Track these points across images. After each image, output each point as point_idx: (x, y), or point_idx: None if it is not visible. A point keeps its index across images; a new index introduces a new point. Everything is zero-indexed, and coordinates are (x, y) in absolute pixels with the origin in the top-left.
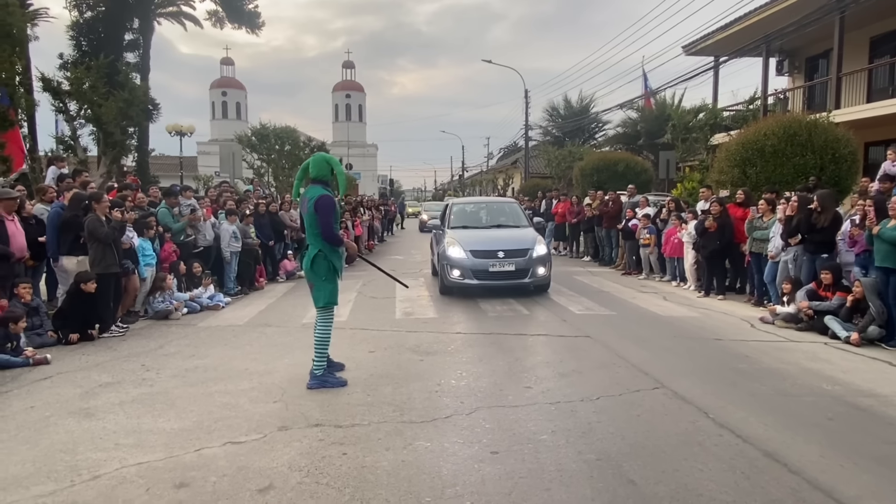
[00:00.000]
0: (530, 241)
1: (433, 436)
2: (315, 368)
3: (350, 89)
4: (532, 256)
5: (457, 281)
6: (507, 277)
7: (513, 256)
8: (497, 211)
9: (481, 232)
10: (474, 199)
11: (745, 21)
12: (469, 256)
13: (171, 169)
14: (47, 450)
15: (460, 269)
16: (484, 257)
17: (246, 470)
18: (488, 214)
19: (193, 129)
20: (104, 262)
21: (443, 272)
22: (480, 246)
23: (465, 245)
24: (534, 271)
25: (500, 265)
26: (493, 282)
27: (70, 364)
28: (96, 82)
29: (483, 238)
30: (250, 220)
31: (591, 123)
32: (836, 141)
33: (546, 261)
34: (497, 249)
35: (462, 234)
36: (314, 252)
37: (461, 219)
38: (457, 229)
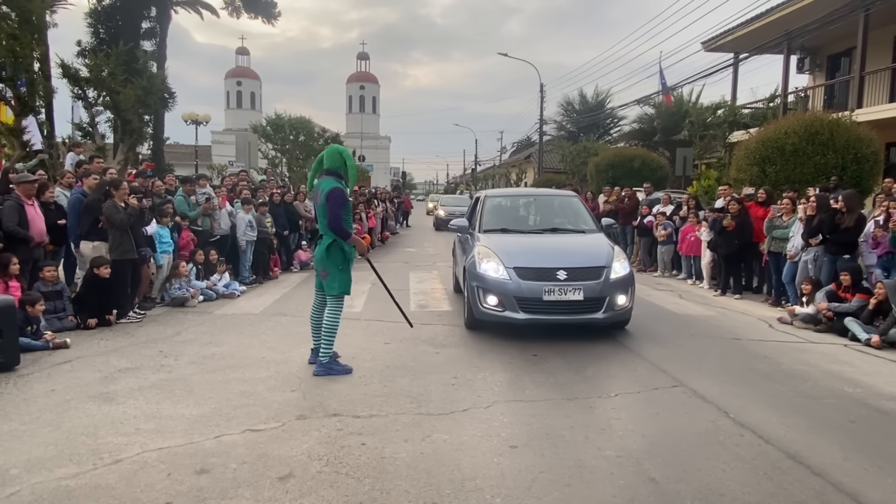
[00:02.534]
0: (604, 256)
1: (451, 428)
2: (322, 356)
3: (364, 81)
4: (608, 279)
5: (493, 312)
6: (571, 311)
7: (580, 279)
8: (551, 208)
9: (529, 239)
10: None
11: (766, 17)
12: (512, 277)
13: (185, 157)
14: (69, 433)
15: (499, 296)
16: (536, 278)
17: (266, 458)
18: (538, 213)
19: (209, 117)
20: (121, 248)
21: (472, 297)
22: (530, 261)
23: (507, 259)
24: (611, 301)
25: (561, 292)
26: (548, 316)
27: (89, 349)
28: (115, 70)
29: (533, 249)
30: (265, 210)
31: (607, 119)
32: (859, 140)
33: (628, 285)
34: (556, 267)
35: (501, 241)
36: (329, 241)
37: (499, 218)
38: (492, 234)
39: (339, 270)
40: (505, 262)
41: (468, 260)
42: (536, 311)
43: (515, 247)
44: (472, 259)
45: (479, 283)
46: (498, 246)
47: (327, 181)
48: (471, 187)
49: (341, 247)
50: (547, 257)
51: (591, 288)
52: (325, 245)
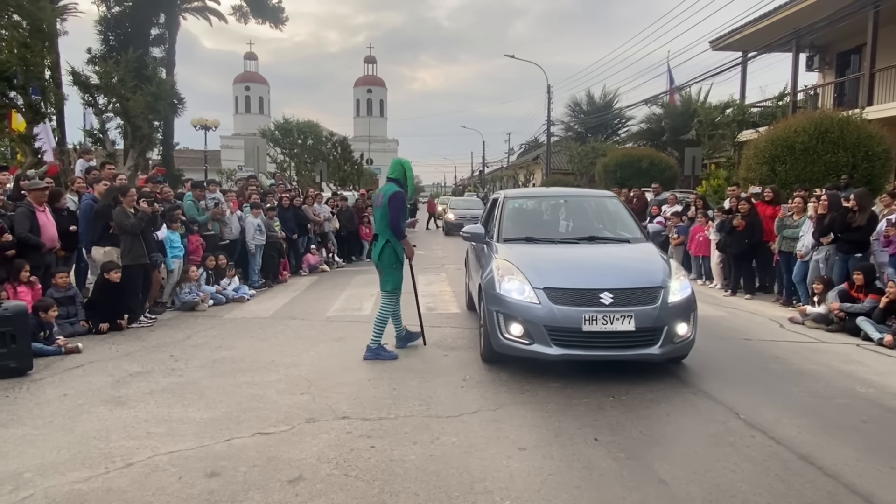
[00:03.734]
0: (659, 273)
1: (460, 431)
2: (371, 342)
3: (371, 84)
4: (666, 302)
5: (517, 345)
6: (619, 344)
7: (630, 303)
8: (586, 211)
9: (561, 251)
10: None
11: (774, 16)
12: (542, 300)
13: (193, 162)
14: (81, 437)
15: (525, 325)
16: (573, 303)
17: (276, 461)
18: (570, 218)
19: (218, 123)
20: (132, 254)
21: (490, 324)
22: (565, 279)
23: (535, 277)
24: (670, 332)
25: (606, 320)
26: (589, 352)
27: (101, 353)
28: (125, 76)
29: (568, 264)
30: (273, 214)
31: (614, 119)
32: (869, 138)
33: (691, 309)
34: (599, 289)
35: (526, 254)
36: (383, 242)
37: (522, 224)
38: (515, 244)
39: (392, 269)
40: (533, 282)
41: (485, 277)
42: (574, 345)
43: (545, 261)
44: (489, 276)
45: (498, 307)
46: (523, 260)
47: (389, 186)
48: (478, 189)
49: (394, 247)
50: (586, 275)
51: (644, 315)
52: (380, 245)
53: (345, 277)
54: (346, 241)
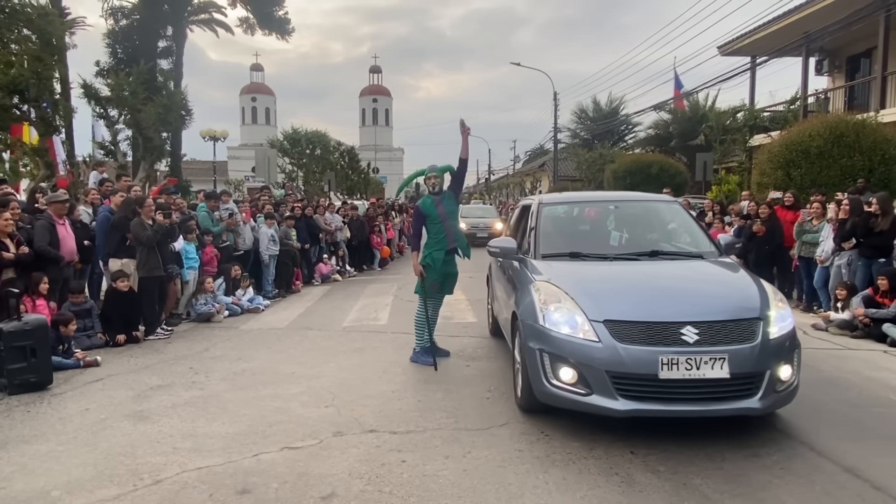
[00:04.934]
0: (754, 298)
1: (491, 444)
2: (415, 345)
3: (377, 94)
4: (767, 338)
5: (569, 394)
6: (708, 396)
7: (721, 340)
8: (642, 219)
9: (620, 270)
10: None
11: (783, 20)
12: (604, 337)
13: (201, 174)
14: (107, 453)
15: (580, 368)
16: (645, 340)
17: (307, 476)
18: (623, 227)
19: (227, 133)
20: (148, 265)
21: (532, 365)
22: (633, 309)
23: (592, 305)
24: (772, 377)
25: (692, 363)
26: (669, 406)
27: (119, 366)
28: (136, 88)
29: (633, 288)
30: (291, 223)
31: (621, 125)
32: (886, 141)
33: (794, 346)
34: (679, 321)
35: (576, 274)
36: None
37: (565, 237)
38: (557, 261)
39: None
40: (589, 312)
41: (522, 304)
42: (648, 397)
43: (602, 285)
44: (529, 304)
45: (543, 344)
46: (573, 283)
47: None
48: (484, 196)
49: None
50: (661, 303)
51: (741, 356)
52: None
53: (357, 287)
54: (357, 250)
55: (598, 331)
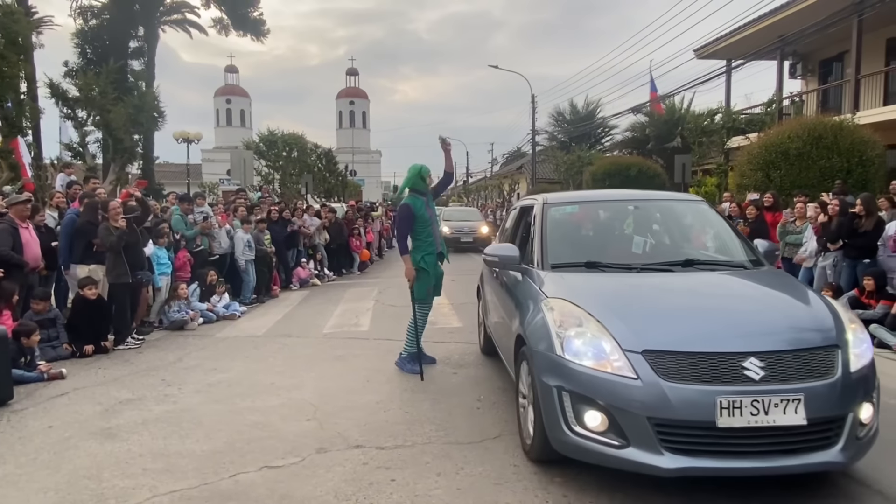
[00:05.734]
0: (826, 319)
1: (485, 458)
2: (403, 351)
3: (354, 96)
4: (848, 370)
5: (599, 444)
6: (780, 448)
7: (792, 376)
8: (666, 222)
9: (652, 284)
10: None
11: (759, 24)
12: (644, 371)
13: (174, 176)
14: (70, 476)
15: (613, 412)
16: (696, 376)
17: (289, 499)
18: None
19: (201, 136)
20: (115, 272)
21: (548, 404)
22: (679, 335)
23: (626, 329)
24: (854, 420)
25: (757, 406)
26: (731, 462)
27: (86, 379)
28: (106, 88)
29: (673, 306)
30: (263, 227)
31: (598, 128)
32: (863, 143)
33: (874, 379)
34: (740, 353)
35: (597, 288)
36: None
37: (576, 243)
38: (572, 273)
39: (417, 280)
40: (622, 339)
41: (532, 327)
42: (703, 451)
43: (634, 302)
44: (540, 327)
45: (562, 380)
46: (597, 301)
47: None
48: (462, 199)
49: (420, 257)
50: (713, 327)
51: (819, 396)
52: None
53: (337, 291)
54: (335, 253)
55: (634, 364)
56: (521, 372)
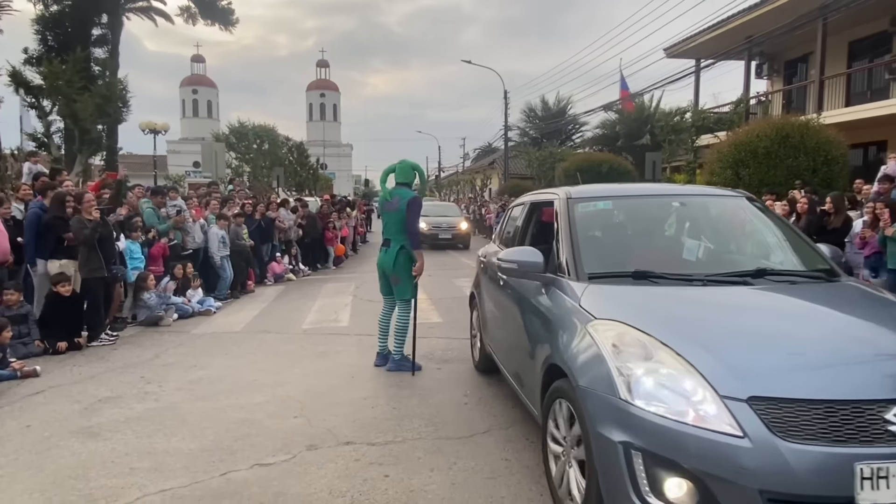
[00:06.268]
0: None
1: (477, 453)
2: (395, 353)
3: (324, 88)
4: None
5: None
6: None
7: None
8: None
9: (732, 301)
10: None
11: (727, 24)
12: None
13: (139, 168)
14: (55, 476)
15: (705, 482)
16: (830, 436)
17: (283, 497)
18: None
19: (168, 126)
20: (89, 266)
21: (609, 466)
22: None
23: (720, 370)
24: None
25: None
26: None
27: (62, 377)
28: (72, 77)
29: (780, 336)
30: (241, 221)
31: (569, 125)
32: (828, 143)
33: None
34: (880, 401)
35: (659, 308)
36: (398, 248)
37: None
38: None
39: (409, 275)
40: (717, 382)
41: (575, 356)
42: None
43: (716, 326)
44: (590, 357)
45: (631, 434)
46: (669, 324)
47: (404, 191)
48: (435, 193)
49: (408, 252)
50: (837, 363)
51: None
52: (395, 251)
53: (313, 286)
54: (310, 248)
55: (738, 415)
56: (555, 414)
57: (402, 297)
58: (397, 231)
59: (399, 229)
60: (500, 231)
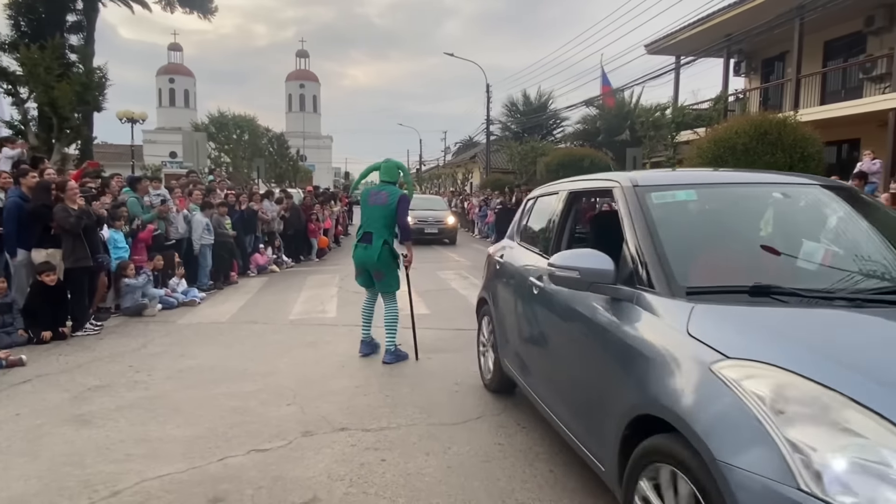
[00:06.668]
0: None
1: (471, 438)
2: (388, 345)
3: (304, 79)
4: None
5: None
6: None
7: None
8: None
9: None
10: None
11: (707, 22)
12: None
13: (114, 157)
14: (50, 463)
15: None
16: None
17: (282, 481)
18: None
19: (146, 115)
20: (74, 256)
21: None
22: None
23: None
24: None
25: None
26: None
27: (48, 366)
28: (51, 64)
29: None
30: (224, 211)
31: (550, 120)
32: (804, 140)
33: None
34: None
35: (820, 342)
36: (381, 242)
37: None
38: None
39: (394, 269)
40: None
41: (699, 412)
42: None
43: None
44: (735, 421)
45: None
46: (840, 368)
47: (392, 187)
48: (417, 187)
49: (391, 248)
50: None
51: None
52: (377, 249)
53: (297, 278)
54: (293, 240)
55: None
56: (654, 488)
57: (389, 291)
58: (382, 225)
59: (385, 224)
60: (519, 226)
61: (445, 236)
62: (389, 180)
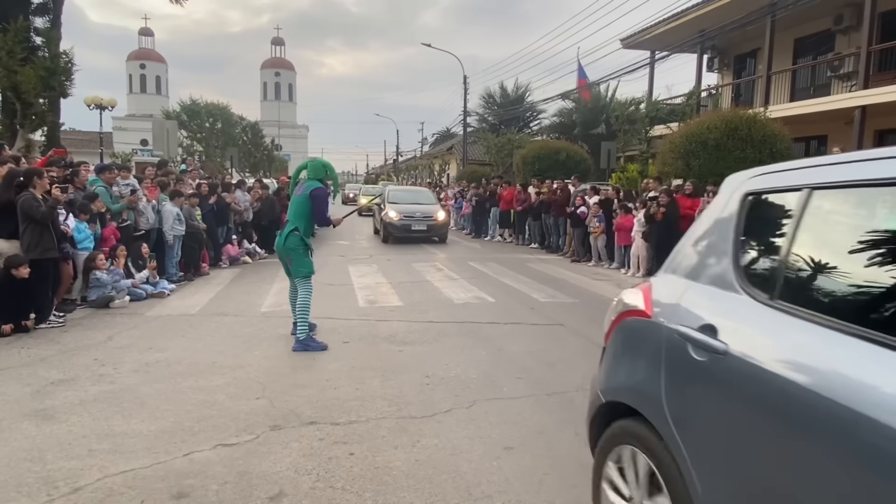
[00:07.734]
0: None
1: (439, 432)
2: (298, 333)
3: (279, 67)
4: None
5: None
6: None
7: None
8: None
9: None
10: None
11: (682, 17)
12: None
13: (82, 145)
14: (9, 459)
15: None
16: None
17: (248, 475)
18: None
19: (115, 102)
20: (41, 247)
21: None
22: None
23: None
24: None
25: None
26: None
27: (10, 359)
28: (14, 48)
29: None
30: (195, 202)
31: (527, 112)
32: (774, 136)
33: None
34: None
35: None
36: (289, 230)
37: None
38: None
39: (301, 255)
40: None
41: None
42: None
43: None
44: None
45: None
46: None
47: (312, 182)
48: (391, 178)
49: (300, 236)
50: None
51: None
52: (285, 234)
53: (270, 269)
54: (267, 230)
55: None
56: None
57: (299, 276)
58: (294, 214)
59: (298, 213)
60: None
61: (435, 234)
62: (314, 177)
